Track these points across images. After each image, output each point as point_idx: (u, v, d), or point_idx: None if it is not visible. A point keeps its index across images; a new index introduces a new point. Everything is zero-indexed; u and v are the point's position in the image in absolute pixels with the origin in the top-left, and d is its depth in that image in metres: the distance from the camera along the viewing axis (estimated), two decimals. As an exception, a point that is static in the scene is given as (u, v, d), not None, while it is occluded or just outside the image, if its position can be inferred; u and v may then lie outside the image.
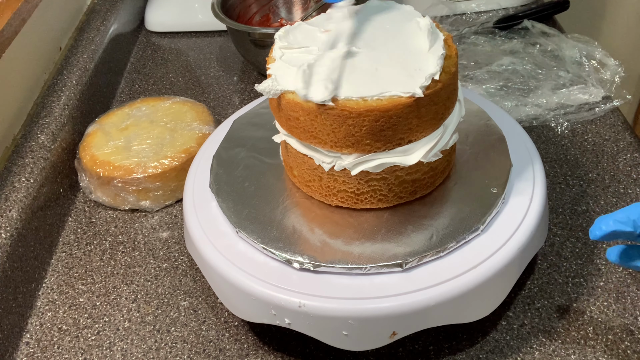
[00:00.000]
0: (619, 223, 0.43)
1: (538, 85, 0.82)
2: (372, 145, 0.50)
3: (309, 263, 0.50)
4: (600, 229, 0.44)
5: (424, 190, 0.55)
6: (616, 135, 0.76)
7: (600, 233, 0.44)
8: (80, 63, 0.86)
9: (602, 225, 0.44)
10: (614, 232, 0.44)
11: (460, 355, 0.55)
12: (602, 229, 0.44)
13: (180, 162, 0.71)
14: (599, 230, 0.44)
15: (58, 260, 0.68)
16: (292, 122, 0.52)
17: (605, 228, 0.44)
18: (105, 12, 0.98)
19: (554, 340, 0.55)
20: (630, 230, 0.43)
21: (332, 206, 0.56)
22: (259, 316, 0.52)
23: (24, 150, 0.71)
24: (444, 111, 0.52)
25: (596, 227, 0.44)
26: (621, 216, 0.43)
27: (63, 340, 0.59)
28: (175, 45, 1.04)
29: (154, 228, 0.70)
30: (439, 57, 0.50)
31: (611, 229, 0.44)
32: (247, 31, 0.86)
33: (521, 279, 0.58)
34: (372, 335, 0.50)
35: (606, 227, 0.44)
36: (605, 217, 0.44)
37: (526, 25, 0.92)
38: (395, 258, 0.50)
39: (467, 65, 0.87)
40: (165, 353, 0.57)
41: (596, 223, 0.44)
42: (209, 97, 0.90)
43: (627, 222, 0.43)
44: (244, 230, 0.54)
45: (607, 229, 0.44)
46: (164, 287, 0.63)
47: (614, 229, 0.43)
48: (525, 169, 0.58)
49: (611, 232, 0.44)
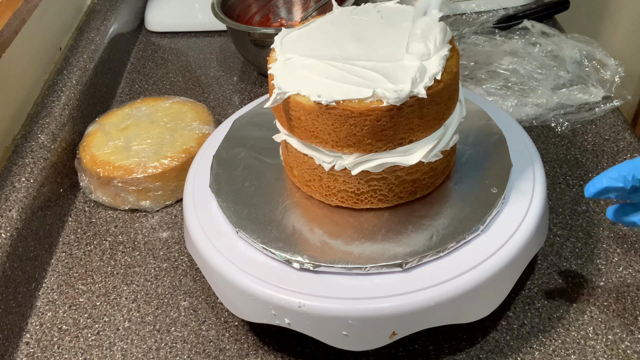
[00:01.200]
0: (611, 179, 0.46)
1: (538, 85, 0.82)
2: (373, 145, 0.50)
3: (308, 263, 0.50)
4: (594, 186, 0.47)
5: (424, 190, 0.55)
6: (616, 135, 0.76)
7: (594, 190, 0.47)
8: (80, 63, 0.86)
9: (596, 183, 0.46)
10: (606, 189, 0.46)
11: (460, 355, 0.55)
12: (595, 185, 0.46)
13: (180, 162, 0.71)
14: (593, 187, 0.47)
15: (58, 260, 0.68)
16: (293, 122, 0.52)
17: (598, 185, 0.46)
18: (105, 12, 0.98)
19: (554, 340, 0.55)
20: (621, 186, 0.46)
21: (332, 206, 0.56)
22: (259, 316, 0.52)
23: (24, 150, 0.71)
24: (445, 111, 0.52)
25: (590, 185, 0.47)
26: (613, 173, 0.46)
27: (63, 340, 0.59)
28: (175, 45, 1.04)
29: (154, 228, 0.70)
30: (442, 57, 0.50)
31: (603, 186, 0.46)
32: (247, 31, 0.86)
33: (521, 279, 0.58)
34: (372, 335, 0.50)
35: (599, 184, 0.46)
36: (599, 175, 0.47)
37: (526, 25, 0.92)
38: (395, 258, 0.50)
39: (467, 65, 0.87)
40: (165, 353, 0.57)
41: (590, 182, 0.47)
42: (209, 97, 0.90)
43: (617, 178, 0.46)
44: (244, 230, 0.54)
45: (600, 185, 0.46)
46: (164, 287, 0.63)
47: (606, 186, 0.46)
48: (525, 169, 0.58)
49: (603, 189, 0.46)
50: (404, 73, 0.49)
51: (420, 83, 0.48)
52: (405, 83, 0.48)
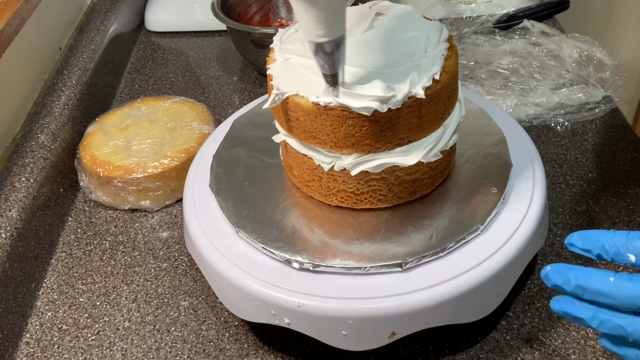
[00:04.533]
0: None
1: (538, 85, 0.82)
2: (372, 146, 0.50)
3: (308, 263, 0.50)
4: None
5: (423, 190, 0.55)
6: (616, 135, 0.76)
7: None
8: (80, 63, 0.86)
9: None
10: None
11: (460, 355, 0.55)
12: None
13: (180, 162, 0.71)
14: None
15: (58, 260, 0.68)
16: (292, 123, 0.52)
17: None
18: (105, 12, 0.98)
19: (553, 340, 0.55)
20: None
21: (331, 206, 0.56)
22: (259, 316, 0.52)
23: (24, 150, 0.71)
24: (444, 111, 0.52)
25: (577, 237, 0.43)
26: None
27: (63, 340, 0.59)
28: (175, 45, 1.04)
29: (154, 228, 0.70)
30: (440, 57, 0.50)
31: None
32: (247, 31, 0.86)
33: (521, 279, 0.58)
34: (372, 335, 0.50)
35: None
36: None
37: (526, 25, 0.92)
38: (394, 258, 0.50)
39: (467, 65, 0.87)
40: (165, 353, 0.57)
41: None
42: (209, 97, 0.90)
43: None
44: (244, 230, 0.54)
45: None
46: (164, 287, 0.63)
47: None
48: (525, 169, 0.58)
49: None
50: (402, 74, 0.49)
51: (418, 83, 0.48)
52: (404, 84, 0.48)
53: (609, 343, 0.41)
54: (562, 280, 0.41)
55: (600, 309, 0.40)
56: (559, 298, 0.42)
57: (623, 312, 0.39)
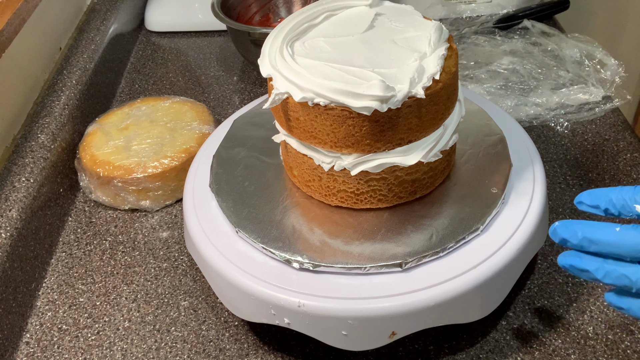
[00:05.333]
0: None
1: (538, 85, 0.82)
2: (372, 146, 0.50)
3: (308, 263, 0.50)
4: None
5: (423, 190, 0.55)
6: (616, 135, 0.76)
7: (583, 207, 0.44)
8: (80, 63, 0.86)
9: None
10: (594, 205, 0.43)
11: (460, 355, 0.55)
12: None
13: (180, 161, 0.71)
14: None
15: (58, 260, 0.68)
16: (292, 123, 0.52)
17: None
18: (105, 12, 0.98)
19: (553, 340, 0.55)
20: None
21: (331, 206, 0.56)
22: (259, 316, 0.52)
23: (24, 150, 0.71)
24: (444, 111, 0.52)
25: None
26: None
27: (63, 340, 0.59)
28: (175, 45, 1.04)
29: (154, 228, 0.70)
30: (440, 57, 0.50)
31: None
32: (247, 31, 0.86)
33: (521, 279, 0.58)
34: (372, 335, 0.50)
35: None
36: None
37: (526, 25, 0.92)
38: (394, 258, 0.50)
39: (467, 65, 0.87)
40: (165, 353, 0.57)
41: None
42: (209, 97, 0.90)
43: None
44: (244, 230, 0.54)
45: None
46: (164, 287, 0.63)
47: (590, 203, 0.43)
48: (525, 169, 0.58)
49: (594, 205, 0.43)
50: (402, 74, 0.49)
51: (418, 83, 0.48)
52: (403, 84, 0.48)
53: (613, 297, 0.42)
54: (569, 234, 0.42)
55: (606, 260, 0.41)
56: (566, 253, 0.43)
57: (628, 262, 0.40)
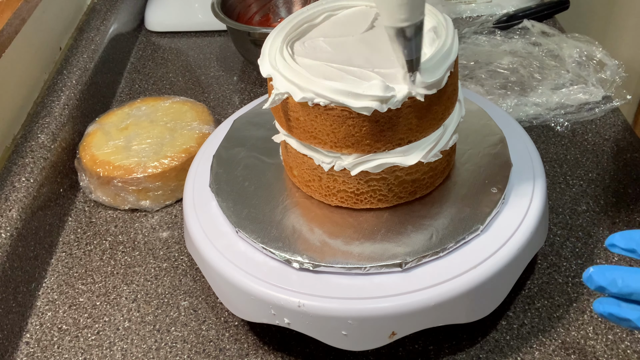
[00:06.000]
0: None
1: (538, 85, 0.82)
2: (372, 146, 0.50)
3: (308, 263, 0.50)
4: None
5: (423, 190, 0.55)
6: (616, 135, 0.76)
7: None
8: (80, 63, 0.86)
9: None
10: None
11: (460, 355, 0.55)
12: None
13: (180, 161, 0.71)
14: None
15: (58, 260, 0.68)
16: (292, 123, 0.52)
17: None
18: (105, 12, 0.98)
19: (554, 340, 0.55)
20: None
21: (331, 206, 0.56)
22: (259, 316, 0.52)
23: (24, 150, 0.71)
24: (444, 111, 0.52)
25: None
26: None
27: (63, 340, 0.59)
28: (175, 45, 1.04)
29: (154, 228, 0.70)
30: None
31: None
32: (247, 31, 0.86)
33: (521, 279, 0.58)
34: (372, 335, 0.50)
35: None
36: None
37: (526, 25, 0.92)
38: (394, 258, 0.50)
39: (467, 65, 0.87)
40: (165, 353, 0.57)
41: None
42: (209, 97, 0.90)
43: None
44: (244, 230, 0.54)
45: None
46: (164, 287, 0.63)
47: None
48: (525, 169, 0.58)
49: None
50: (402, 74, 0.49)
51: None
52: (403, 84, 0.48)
53: None
54: (608, 282, 0.41)
55: None
56: (603, 300, 0.42)
57: None
